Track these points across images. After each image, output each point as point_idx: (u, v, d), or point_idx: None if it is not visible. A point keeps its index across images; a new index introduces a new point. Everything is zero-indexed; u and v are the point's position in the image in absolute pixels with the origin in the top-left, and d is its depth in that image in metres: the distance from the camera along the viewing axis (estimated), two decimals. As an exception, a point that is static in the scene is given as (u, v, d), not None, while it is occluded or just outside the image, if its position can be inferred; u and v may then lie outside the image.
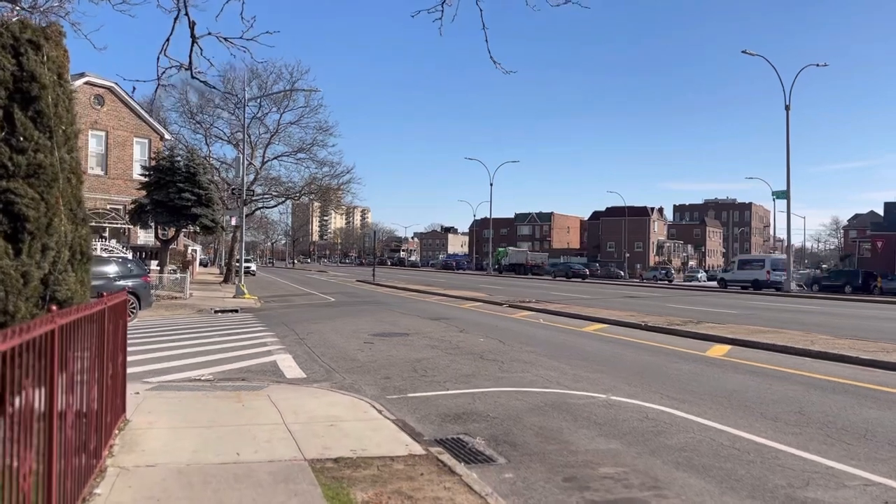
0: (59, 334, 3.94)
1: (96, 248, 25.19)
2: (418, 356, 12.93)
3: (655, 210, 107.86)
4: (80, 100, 31.34)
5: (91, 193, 31.75)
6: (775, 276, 47.89)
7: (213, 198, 31.45)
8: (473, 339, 15.43)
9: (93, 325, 5.34)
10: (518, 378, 10.70)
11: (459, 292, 35.22)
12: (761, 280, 48.57)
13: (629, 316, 20.77)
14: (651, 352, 13.93)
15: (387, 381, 10.48)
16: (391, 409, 8.45)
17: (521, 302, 26.64)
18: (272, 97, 43.33)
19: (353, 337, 15.89)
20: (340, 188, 46.76)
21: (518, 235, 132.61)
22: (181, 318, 20.64)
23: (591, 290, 43.92)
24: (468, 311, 23.90)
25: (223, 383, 10.24)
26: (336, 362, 12.28)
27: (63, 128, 5.62)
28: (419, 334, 16.43)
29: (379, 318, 20.90)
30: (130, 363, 11.78)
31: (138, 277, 19.69)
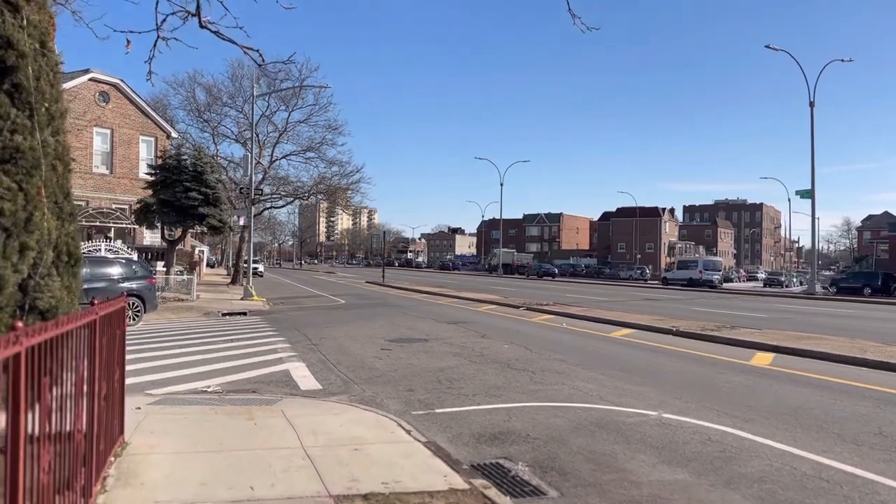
0: (28, 358, 3.06)
1: (100, 248, 24.42)
2: (441, 365, 12.04)
3: (667, 211, 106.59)
4: (85, 97, 30.63)
5: (96, 193, 31.01)
6: (706, 275, 56.61)
7: (220, 197, 30.64)
8: (497, 346, 14.52)
9: (79, 340, 4.46)
10: (554, 391, 9.78)
11: (472, 294, 34.31)
12: (694, 278, 56.83)
13: (656, 320, 19.81)
14: (690, 360, 12.99)
15: (410, 394, 9.59)
16: (420, 429, 7.56)
17: (539, 305, 25.70)
18: (281, 96, 42.52)
19: (369, 343, 15.01)
20: (350, 188, 45.91)
21: (527, 236, 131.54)
22: (187, 322, 19.82)
23: (607, 293, 42.95)
24: (485, 315, 22.98)
25: (232, 396, 9.38)
26: (353, 372, 11.40)
27: (46, 105, 4.74)
28: (439, 340, 15.53)
29: (394, 322, 20.02)
30: (132, 372, 10.94)
31: (143, 279, 18.88)
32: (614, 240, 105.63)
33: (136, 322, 18.25)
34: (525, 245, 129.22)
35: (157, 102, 40.65)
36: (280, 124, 44.09)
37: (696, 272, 57.57)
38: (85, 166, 30.66)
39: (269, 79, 39.47)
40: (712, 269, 57.78)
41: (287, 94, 42.36)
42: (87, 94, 30.53)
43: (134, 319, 18.21)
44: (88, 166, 30.88)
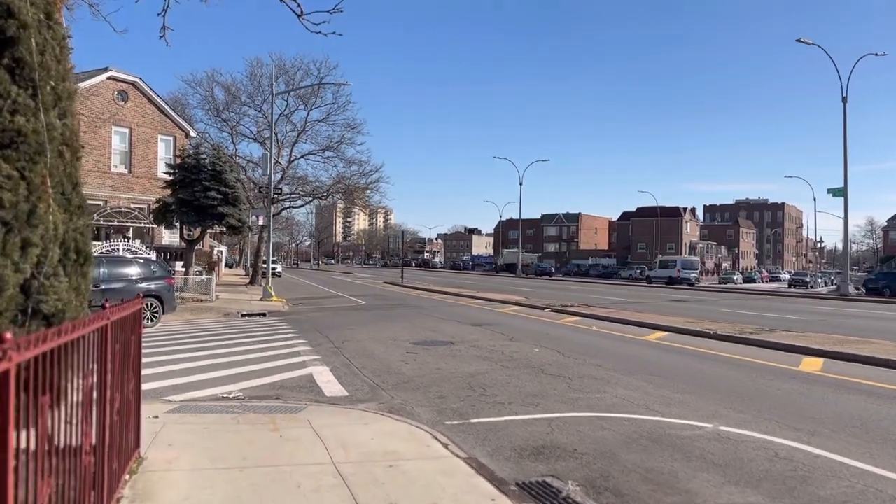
0: (19, 375, 2.53)
1: (118, 248, 24.11)
2: (471, 370, 11.45)
3: (688, 210, 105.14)
4: (104, 95, 30.41)
5: (114, 192, 30.79)
6: (684, 273, 61.64)
7: (239, 196, 30.30)
8: (527, 350, 13.90)
9: (87, 349, 3.94)
10: (595, 400, 9.16)
11: (493, 295, 33.68)
12: (673, 277, 61.54)
13: (689, 322, 19.07)
14: (735, 366, 12.29)
15: (442, 402, 9.01)
16: (456, 441, 7.00)
17: (564, 306, 25.03)
18: (299, 95, 42.18)
19: (393, 346, 14.46)
20: (369, 187, 45.45)
21: (545, 236, 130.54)
22: (207, 323, 19.41)
23: (626, 293, 42.14)
24: (510, 317, 22.36)
25: (255, 403, 8.86)
26: (380, 377, 10.85)
27: (52, 83, 4.20)
28: (465, 343, 14.95)
29: (416, 323, 19.46)
30: (150, 377, 10.47)
31: (162, 279, 18.49)
32: (634, 240, 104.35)
33: (154, 323, 17.86)
34: (543, 245, 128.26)
35: (175, 101, 40.48)
36: (299, 123, 43.81)
37: (675, 271, 62.38)
38: (103, 165, 30.46)
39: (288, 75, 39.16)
40: (690, 268, 63.16)
41: (306, 92, 42.03)
42: (105, 93, 30.32)
43: (152, 321, 17.82)
44: (107, 165, 30.67)
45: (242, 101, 42.81)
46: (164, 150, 33.58)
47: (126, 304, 5.17)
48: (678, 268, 62.52)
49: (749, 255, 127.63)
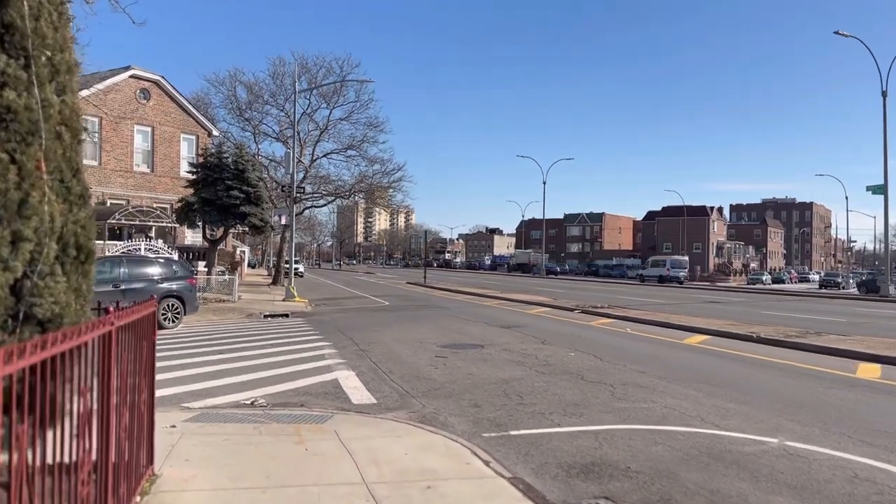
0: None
1: (140, 247, 23.84)
2: (504, 375, 10.83)
3: (715, 209, 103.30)
4: (126, 93, 30.26)
5: (136, 192, 30.63)
6: (673, 272, 65.77)
7: (262, 196, 29.94)
8: (562, 354, 13.23)
9: (87, 360, 3.40)
10: (644, 410, 8.49)
11: (519, 296, 32.98)
12: (664, 275, 65.84)
13: (728, 325, 18.26)
14: (787, 373, 11.52)
15: (477, 411, 8.40)
16: (498, 457, 6.39)
17: (595, 308, 24.27)
18: (322, 93, 41.84)
19: (420, 349, 13.88)
20: (392, 186, 44.97)
21: (567, 236, 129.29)
22: (229, 324, 19.00)
23: (658, 294, 41.19)
24: (539, 319, 21.68)
25: (278, 411, 8.33)
26: (409, 382, 10.27)
27: (48, 53, 3.66)
28: (495, 346, 14.32)
29: (443, 325, 18.87)
30: (169, 381, 10.01)
31: (183, 280, 18.11)
32: (660, 240, 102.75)
33: (175, 324, 17.48)
34: (566, 245, 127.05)
35: (198, 101, 40.34)
36: (321, 122, 43.46)
37: (665, 270, 67.06)
38: (126, 164, 30.32)
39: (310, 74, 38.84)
40: (678, 268, 67.37)
41: (328, 91, 41.68)
42: (127, 91, 30.17)
43: (173, 322, 17.44)
44: (129, 164, 30.52)
45: (265, 99, 42.62)
46: (186, 149, 33.39)
47: (136, 306, 4.64)
48: (668, 267, 67.35)
49: (777, 255, 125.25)
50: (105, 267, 16.77)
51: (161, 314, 17.13)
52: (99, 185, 29.06)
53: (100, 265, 16.70)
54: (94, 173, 29.08)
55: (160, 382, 9.76)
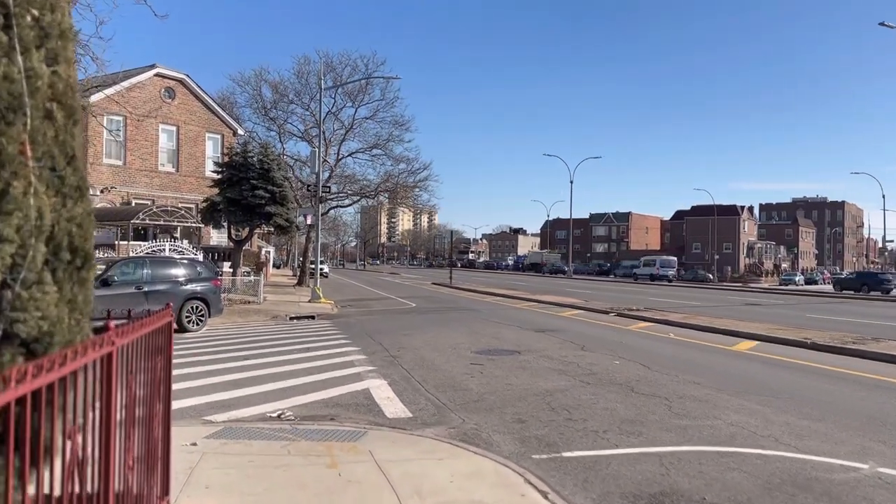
0: None
1: (164, 248, 23.47)
2: (547, 386, 10.08)
3: (745, 209, 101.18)
4: (151, 92, 30.01)
5: (162, 191, 30.38)
6: (662, 271, 72.85)
7: (287, 195, 29.49)
8: (606, 362, 12.43)
9: (79, 390, 2.75)
10: (708, 428, 7.68)
11: (549, 297, 32.12)
12: (654, 274, 72.57)
13: (776, 330, 17.28)
14: (855, 384, 10.61)
15: (522, 428, 7.68)
16: (555, 486, 5.66)
17: (630, 311, 23.38)
18: (347, 91, 41.37)
19: (454, 355, 13.18)
20: (418, 185, 44.34)
21: (593, 236, 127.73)
22: (254, 327, 18.49)
23: (695, 296, 40.05)
24: (574, 322, 20.86)
25: (307, 425, 7.69)
26: (444, 393, 9.57)
27: (35, 13, 3.00)
28: (532, 352, 13.56)
29: (475, 329, 18.15)
30: (191, 391, 9.41)
31: (208, 281, 17.61)
32: (689, 239, 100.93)
33: (200, 327, 16.99)
34: (591, 245, 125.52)
35: (223, 100, 40.09)
36: (346, 121, 43.00)
37: (655, 269, 73.87)
38: (150, 164, 30.07)
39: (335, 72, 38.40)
40: (667, 267, 74.99)
41: (354, 89, 41.22)
42: (152, 90, 29.91)
43: (198, 324, 16.95)
44: (154, 164, 30.27)
45: (290, 99, 42.25)
46: (211, 149, 33.09)
47: (147, 318, 4.00)
48: (657, 266, 74.69)
49: (808, 256, 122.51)
50: (128, 268, 16.34)
51: (185, 317, 16.66)
52: (124, 185, 28.87)
53: (123, 266, 16.27)
54: (119, 173, 28.90)
55: (181, 392, 9.19)
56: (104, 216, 25.07)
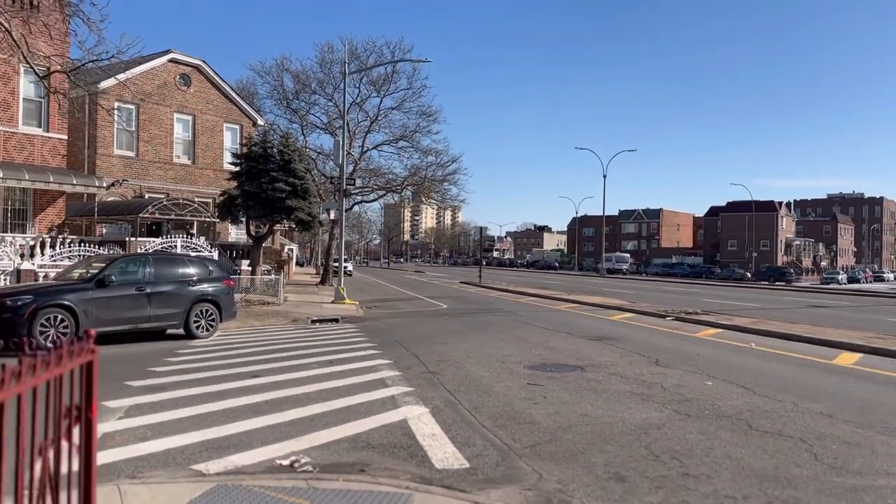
0: None
1: (176, 244, 21.62)
2: (635, 418, 7.88)
3: (783, 205, 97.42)
4: (165, 80, 28.25)
5: (177, 185, 28.62)
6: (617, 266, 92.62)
7: (309, 189, 27.52)
8: (694, 383, 10.18)
9: None
10: (888, 491, 5.44)
11: (589, 298, 29.82)
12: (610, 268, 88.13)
13: (875, 339, 14.84)
14: None
15: (626, 491, 5.52)
16: None
17: (688, 314, 21.01)
18: (372, 80, 39.39)
19: (504, 371, 11.03)
20: (446, 179, 42.15)
21: (622, 234, 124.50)
22: (271, 332, 16.52)
23: (744, 297, 37.46)
24: (630, 328, 18.57)
25: (328, 482, 5.63)
26: (505, 428, 7.43)
27: None
28: (598, 368, 11.36)
29: (519, 336, 15.98)
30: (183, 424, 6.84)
31: (219, 281, 15.66)
32: (724, 237, 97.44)
33: (210, 333, 15.05)
34: (620, 243, 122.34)
35: (243, 91, 38.32)
36: (371, 112, 40.99)
37: (612, 264, 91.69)
38: (165, 155, 28.33)
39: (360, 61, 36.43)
40: (621, 262, 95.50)
41: (379, 77, 39.26)
42: (166, 77, 28.15)
43: (208, 329, 15.02)
44: (169, 156, 28.52)
45: (312, 88, 40.32)
46: (229, 140, 31.27)
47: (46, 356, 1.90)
48: (614, 262, 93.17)
49: (847, 253, 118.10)
50: (129, 266, 14.44)
51: (193, 321, 14.74)
52: (136, 178, 27.14)
53: (122, 264, 14.37)
54: (131, 165, 27.18)
55: (170, 426, 7.12)
56: (110, 210, 23.33)
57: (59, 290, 13.04)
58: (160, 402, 8.29)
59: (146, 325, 14.09)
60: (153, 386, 9.25)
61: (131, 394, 8.70)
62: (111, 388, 9.01)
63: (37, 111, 20.74)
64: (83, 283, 13.43)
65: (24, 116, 20.36)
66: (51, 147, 20.80)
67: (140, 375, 9.99)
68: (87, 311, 13.01)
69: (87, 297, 13.08)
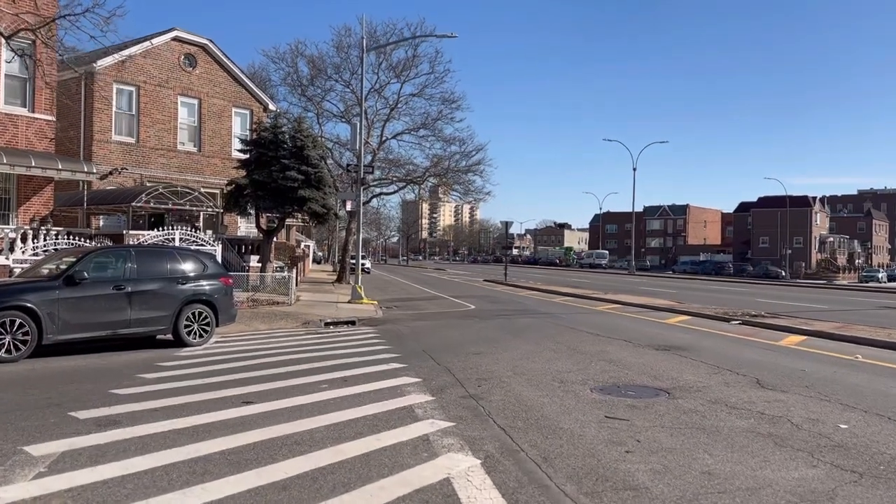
0: None
1: (174, 237, 19.35)
2: (784, 480, 5.38)
3: (817, 200, 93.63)
4: (168, 59, 26.07)
5: (181, 174, 26.45)
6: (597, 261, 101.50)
7: (323, 177, 25.20)
8: (829, 415, 7.63)
9: None
10: None
11: (631, 298, 27.28)
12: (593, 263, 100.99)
13: None
14: None
15: None
16: None
17: (752, 316, 18.39)
18: (391, 65, 37.08)
19: (567, 394, 8.57)
20: (470, 169, 39.68)
21: (647, 230, 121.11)
22: (278, 338, 14.21)
23: (798, 297, 34.67)
24: (694, 334, 16.01)
25: None
26: (598, 499, 4.96)
27: None
28: (689, 392, 8.85)
29: (570, 344, 13.50)
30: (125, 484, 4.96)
31: (215, 278, 13.34)
32: (755, 233, 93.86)
33: (203, 339, 12.75)
34: (645, 240, 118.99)
35: (255, 77, 36.14)
36: (391, 98, 38.62)
37: (594, 259, 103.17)
38: (168, 142, 26.14)
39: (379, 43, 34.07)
40: (601, 258, 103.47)
41: (399, 63, 36.90)
42: (170, 57, 25.94)
43: (201, 336, 12.72)
44: (172, 142, 26.31)
45: (328, 74, 38.04)
46: (239, 126, 29.02)
47: None
48: (594, 258, 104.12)
49: (881, 250, 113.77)
50: (106, 260, 12.17)
51: (183, 326, 12.45)
52: (136, 167, 24.96)
53: (97, 259, 12.09)
54: (131, 152, 25.02)
55: (104, 492, 4.73)
56: (101, 199, 21.15)
57: (18, 290, 10.81)
58: (106, 445, 5.95)
59: (126, 330, 11.79)
60: (105, 419, 6.90)
61: (72, 431, 6.37)
62: (49, 420, 6.71)
63: (21, 89, 18.60)
64: (49, 281, 11.18)
65: (6, 94, 18.23)
66: (37, 129, 18.65)
67: (95, 401, 7.66)
68: (54, 315, 10.75)
69: (52, 297, 10.83)
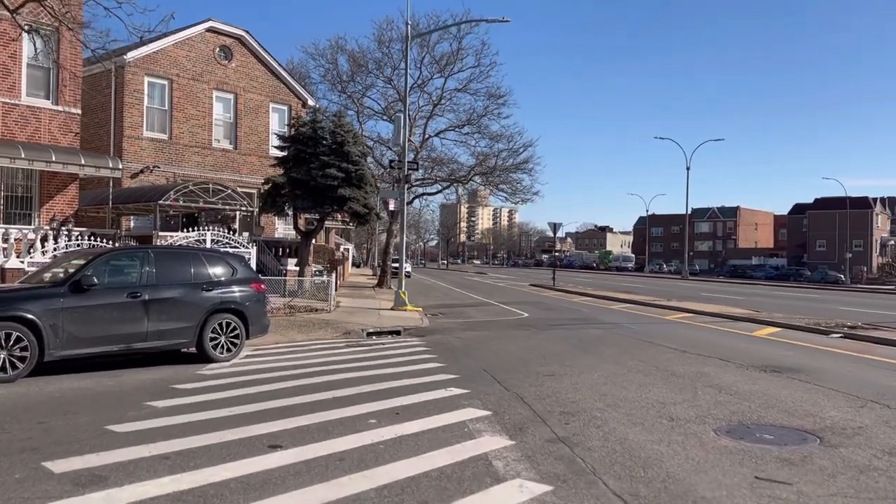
0: None
1: (205, 238, 17.90)
2: None
3: (878, 201, 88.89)
4: (203, 52, 24.80)
5: (216, 172, 25.14)
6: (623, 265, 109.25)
7: (364, 175, 23.60)
8: None
9: None
10: None
11: (696, 305, 25.02)
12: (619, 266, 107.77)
13: None
14: None
15: None
16: None
17: (850, 328, 16.07)
18: (435, 59, 35.42)
19: (687, 438, 6.62)
20: (518, 168, 37.70)
21: (695, 233, 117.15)
22: (316, 351, 12.54)
23: (877, 304, 31.83)
24: (797, 350, 13.82)
25: None
26: None
27: None
28: (845, 436, 6.82)
29: (653, 362, 11.49)
30: None
31: (246, 284, 11.71)
32: (812, 236, 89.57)
33: (231, 354, 11.12)
34: (693, 243, 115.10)
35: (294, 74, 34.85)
36: (434, 94, 36.95)
37: (621, 262, 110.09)
38: (202, 139, 24.87)
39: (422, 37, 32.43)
40: (627, 261, 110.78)
41: (443, 57, 35.21)
42: (204, 49, 24.68)
43: (229, 350, 11.09)
44: (208, 140, 25.03)
45: (369, 69, 36.57)
46: (276, 122, 27.65)
47: None
48: (621, 261, 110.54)
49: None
50: (118, 264, 10.62)
51: (209, 339, 10.84)
52: (169, 165, 23.72)
53: (109, 261, 10.55)
54: (164, 149, 23.79)
55: None
56: (127, 198, 19.88)
57: (16, 298, 9.31)
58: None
59: (142, 344, 10.22)
60: (87, 474, 5.19)
61: (39, 493, 4.68)
62: (13, 476, 5.03)
63: (44, 80, 17.41)
64: (53, 288, 9.66)
65: (28, 86, 17.04)
66: (60, 122, 17.41)
67: (83, 443, 5.98)
68: (57, 327, 9.23)
69: (56, 306, 9.31)
